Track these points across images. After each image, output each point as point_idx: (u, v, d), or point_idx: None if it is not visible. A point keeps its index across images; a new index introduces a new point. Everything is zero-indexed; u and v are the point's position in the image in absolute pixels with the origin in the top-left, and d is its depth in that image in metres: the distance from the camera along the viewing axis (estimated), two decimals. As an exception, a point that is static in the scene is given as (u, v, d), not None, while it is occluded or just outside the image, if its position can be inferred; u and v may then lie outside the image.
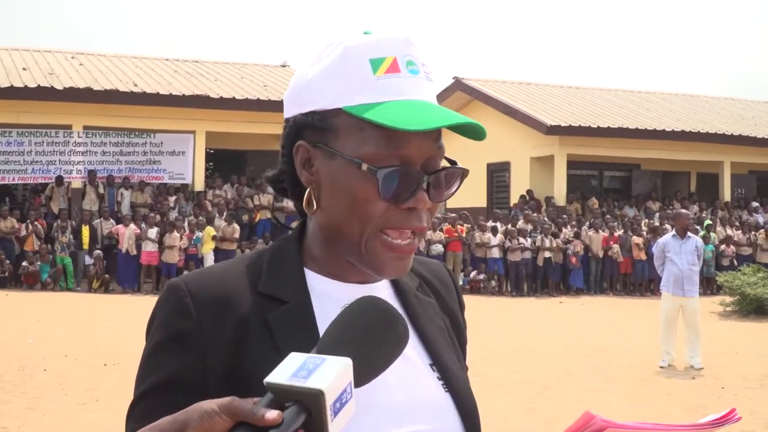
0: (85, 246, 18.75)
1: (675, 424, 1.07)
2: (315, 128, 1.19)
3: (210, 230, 18.93)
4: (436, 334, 1.29)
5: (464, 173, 1.22)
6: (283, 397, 0.94)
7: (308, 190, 1.21)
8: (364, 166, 1.14)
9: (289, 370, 0.95)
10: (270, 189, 21.71)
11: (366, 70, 1.16)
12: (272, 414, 0.92)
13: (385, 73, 1.16)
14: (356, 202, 1.16)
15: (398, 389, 1.18)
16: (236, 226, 19.37)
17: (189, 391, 1.11)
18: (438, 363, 1.25)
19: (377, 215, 1.16)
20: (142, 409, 1.14)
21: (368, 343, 1.01)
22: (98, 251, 18.56)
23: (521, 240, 20.21)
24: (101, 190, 20.14)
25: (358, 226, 1.17)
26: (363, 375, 0.99)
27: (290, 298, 1.19)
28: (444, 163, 1.21)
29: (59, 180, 19.98)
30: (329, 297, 1.20)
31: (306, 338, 1.13)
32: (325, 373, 0.94)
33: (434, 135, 1.18)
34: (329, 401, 0.93)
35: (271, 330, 1.16)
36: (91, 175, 20.12)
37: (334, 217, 1.19)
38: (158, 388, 1.15)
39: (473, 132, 1.18)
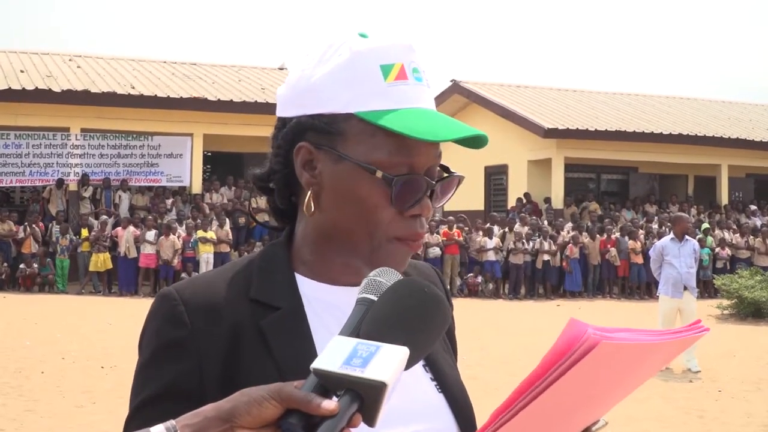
0: (85, 248, 18.68)
1: (656, 331, 1.12)
2: (321, 131, 1.18)
3: (200, 233, 18.93)
4: None
5: (460, 180, 1.24)
6: (331, 384, 0.90)
7: (309, 192, 1.20)
8: (379, 173, 1.14)
9: (340, 357, 0.91)
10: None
11: (377, 77, 1.16)
12: (331, 404, 0.88)
13: (395, 80, 1.16)
14: (365, 207, 1.16)
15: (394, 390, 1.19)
16: (227, 229, 19.35)
17: (187, 399, 1.09)
18: (431, 364, 1.25)
19: (386, 222, 1.17)
20: (140, 421, 1.10)
21: (417, 328, 0.98)
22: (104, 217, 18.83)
23: (521, 243, 20.21)
24: (86, 194, 20.05)
25: (367, 231, 1.17)
26: (410, 361, 0.96)
27: (282, 304, 1.18)
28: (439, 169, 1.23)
29: (59, 183, 19.96)
30: (321, 301, 1.20)
31: (300, 344, 1.14)
32: (384, 363, 0.90)
33: (437, 143, 1.18)
34: (388, 392, 0.89)
35: (265, 337, 1.15)
36: (84, 178, 20.07)
37: (337, 220, 1.19)
38: (156, 398, 1.13)
39: (474, 142, 1.18)
